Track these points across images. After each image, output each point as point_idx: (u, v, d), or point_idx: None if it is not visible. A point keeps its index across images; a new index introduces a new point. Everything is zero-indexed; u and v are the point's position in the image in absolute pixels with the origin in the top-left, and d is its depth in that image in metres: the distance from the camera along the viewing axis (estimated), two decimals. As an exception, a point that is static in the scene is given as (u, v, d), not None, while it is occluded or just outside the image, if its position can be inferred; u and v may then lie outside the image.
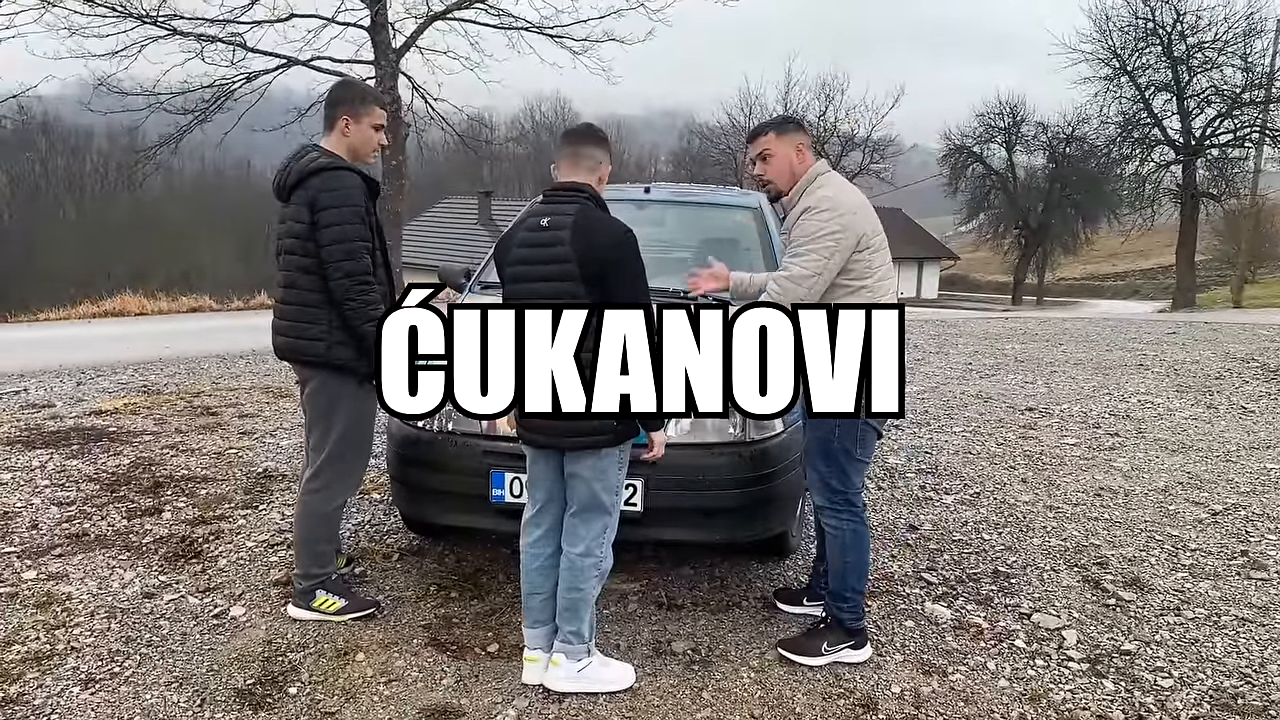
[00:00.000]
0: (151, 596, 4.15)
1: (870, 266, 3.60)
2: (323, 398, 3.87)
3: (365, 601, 4.03)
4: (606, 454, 3.40)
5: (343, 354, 3.78)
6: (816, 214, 3.55)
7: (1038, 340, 13.33)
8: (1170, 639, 3.97)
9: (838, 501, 3.71)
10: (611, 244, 3.29)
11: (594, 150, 3.47)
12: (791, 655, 3.72)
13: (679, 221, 5.72)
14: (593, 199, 3.41)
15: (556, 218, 3.36)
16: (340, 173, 3.73)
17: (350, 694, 3.43)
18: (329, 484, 3.91)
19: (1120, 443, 7.06)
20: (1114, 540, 5.03)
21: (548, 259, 3.34)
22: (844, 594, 3.73)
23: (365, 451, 4.03)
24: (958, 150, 50.43)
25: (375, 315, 3.69)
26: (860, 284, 3.59)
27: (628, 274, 3.30)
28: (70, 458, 6.05)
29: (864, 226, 3.57)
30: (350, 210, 3.69)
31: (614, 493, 3.47)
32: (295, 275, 3.78)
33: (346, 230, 3.67)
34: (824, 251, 3.52)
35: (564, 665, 3.45)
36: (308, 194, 3.70)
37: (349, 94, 3.92)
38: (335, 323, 3.75)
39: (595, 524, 3.45)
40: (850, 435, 3.64)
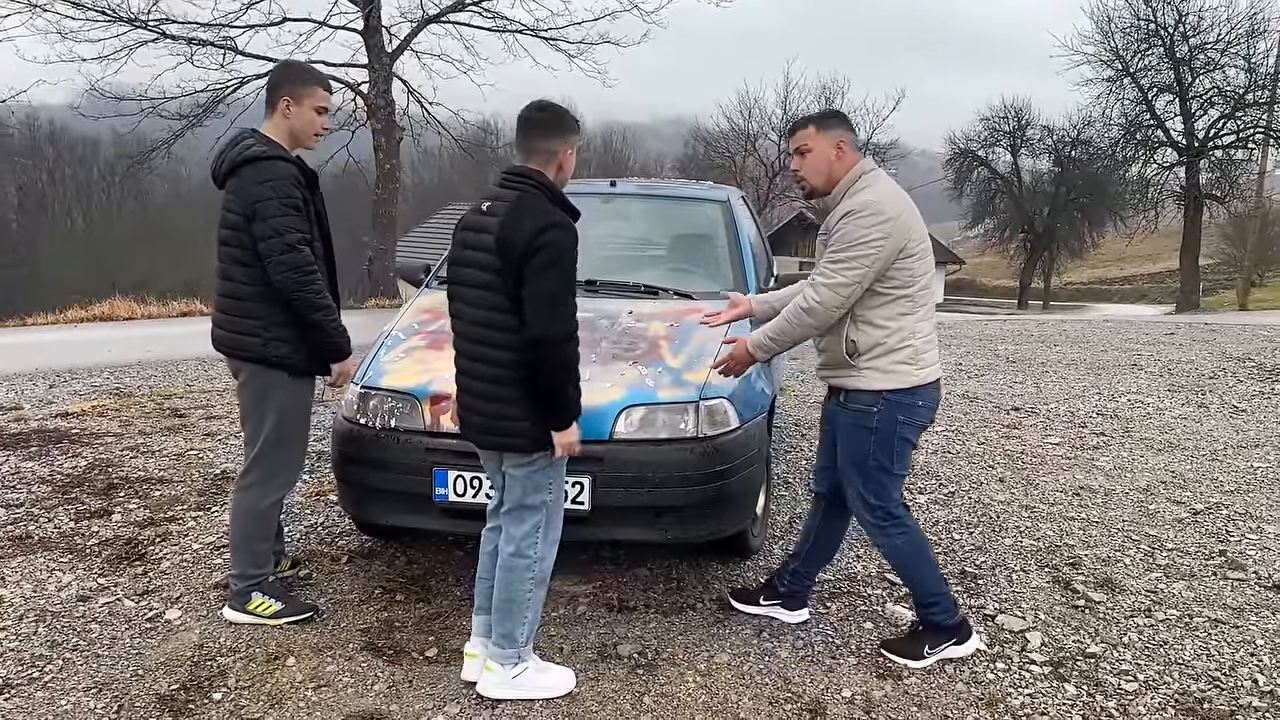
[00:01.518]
0: (86, 599, 4.02)
1: (913, 274, 3.39)
2: (254, 392, 3.75)
3: (303, 605, 3.89)
4: (535, 454, 3.26)
5: (279, 350, 3.67)
6: (858, 218, 3.32)
7: (1032, 341, 13.16)
8: (1139, 641, 3.82)
9: (880, 517, 3.57)
10: (532, 233, 3.06)
11: (545, 141, 3.24)
12: (894, 656, 3.62)
13: (643, 216, 5.59)
14: (539, 186, 3.21)
15: (496, 203, 3.21)
16: (274, 163, 3.59)
17: (276, 700, 3.30)
18: (261, 480, 3.79)
19: (1105, 442, 6.90)
20: (1089, 540, 4.88)
21: (478, 245, 3.20)
22: (927, 599, 3.64)
23: (299, 447, 3.91)
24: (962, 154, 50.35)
25: (323, 305, 3.64)
26: (901, 292, 3.39)
27: (541, 269, 3.06)
28: (27, 459, 5.93)
29: (909, 233, 3.35)
30: (286, 202, 3.55)
31: (545, 492, 3.32)
32: (230, 267, 3.66)
33: (282, 223, 3.53)
34: (865, 259, 3.30)
35: (497, 672, 3.31)
36: (241, 184, 3.58)
37: (290, 75, 3.79)
38: (273, 318, 3.64)
39: (525, 524, 3.31)
40: (886, 450, 3.48)
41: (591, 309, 4.54)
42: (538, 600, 3.38)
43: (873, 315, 3.42)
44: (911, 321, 3.43)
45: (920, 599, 3.67)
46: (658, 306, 4.60)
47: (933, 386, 3.51)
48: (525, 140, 3.27)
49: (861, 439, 3.51)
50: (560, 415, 3.20)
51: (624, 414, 3.87)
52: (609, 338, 4.26)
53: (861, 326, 3.44)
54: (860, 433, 3.51)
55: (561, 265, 3.11)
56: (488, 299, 3.17)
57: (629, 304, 4.61)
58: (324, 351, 3.75)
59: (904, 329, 3.42)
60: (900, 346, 3.42)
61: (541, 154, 3.25)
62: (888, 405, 3.44)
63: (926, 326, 3.47)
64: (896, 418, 3.45)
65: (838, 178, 3.47)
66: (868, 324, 3.43)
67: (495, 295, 3.14)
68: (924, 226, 3.48)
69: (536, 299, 3.08)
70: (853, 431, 3.54)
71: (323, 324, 3.67)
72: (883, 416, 3.46)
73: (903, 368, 3.43)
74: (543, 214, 3.13)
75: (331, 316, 3.69)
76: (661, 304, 4.64)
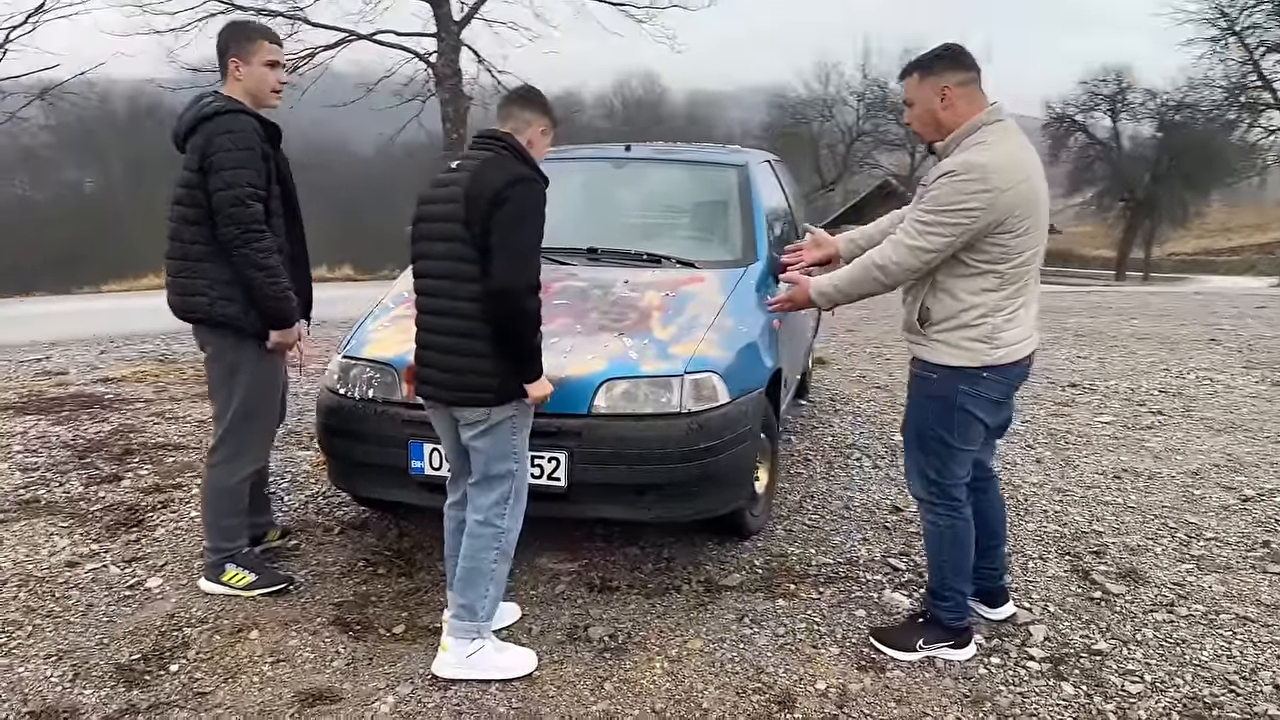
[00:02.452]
0: (75, 565, 4.04)
1: (1008, 251, 3.03)
2: (220, 365, 3.69)
3: (277, 577, 3.84)
4: (497, 419, 3.15)
5: (227, 309, 3.56)
6: (957, 180, 2.96)
7: (1109, 314, 12.57)
8: (1153, 639, 3.53)
9: (934, 493, 3.32)
10: (500, 186, 3.02)
11: (523, 111, 3.25)
12: (882, 646, 3.42)
13: (655, 181, 5.37)
14: (510, 149, 3.18)
15: (466, 161, 3.19)
16: (235, 115, 3.50)
17: (231, 673, 3.25)
18: (230, 456, 3.74)
19: (1161, 422, 6.49)
20: (1120, 527, 4.57)
21: (445, 198, 3.16)
22: (943, 592, 3.39)
23: (269, 421, 3.84)
24: (1059, 119, 48.59)
25: (265, 265, 3.50)
26: (990, 268, 3.05)
27: (507, 220, 3.02)
28: (56, 424, 6.03)
29: (1014, 206, 2.98)
30: (242, 154, 3.45)
31: (510, 461, 3.21)
32: (180, 227, 3.58)
33: (237, 175, 3.44)
34: (954, 229, 2.98)
35: (452, 649, 3.22)
36: (200, 140, 3.49)
37: (233, 34, 3.65)
38: (220, 276, 3.53)
39: (492, 493, 3.22)
40: (945, 421, 3.22)
41: (587, 278, 4.40)
42: (501, 574, 3.29)
43: (953, 285, 3.12)
44: (995, 299, 3.10)
45: (937, 590, 3.43)
46: (657, 275, 4.41)
47: (1009, 366, 3.19)
48: (506, 109, 3.29)
49: (922, 409, 3.30)
50: (526, 365, 3.14)
51: (604, 387, 3.71)
52: (599, 308, 4.10)
53: (939, 294, 3.15)
54: (921, 402, 3.30)
55: (527, 218, 3.09)
56: (454, 251, 3.11)
57: (627, 273, 4.42)
58: (264, 315, 3.59)
59: (984, 305, 3.10)
60: (976, 323, 3.11)
61: (517, 122, 3.23)
62: (949, 373, 3.18)
63: (1013, 305, 3.12)
64: (958, 387, 3.17)
65: (950, 128, 3.10)
66: (946, 293, 3.14)
67: (462, 247, 3.09)
68: (1042, 200, 3.10)
69: (502, 250, 3.04)
70: (915, 400, 3.34)
71: (260, 284, 3.51)
72: (942, 385, 3.20)
73: (976, 345, 3.13)
74: (513, 168, 3.12)
75: (273, 279, 3.53)
76: (661, 273, 4.45)
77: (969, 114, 3.10)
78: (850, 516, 4.67)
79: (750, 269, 4.56)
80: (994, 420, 3.32)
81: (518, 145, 3.18)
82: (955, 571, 3.40)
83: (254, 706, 3.06)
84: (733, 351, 3.97)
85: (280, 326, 3.64)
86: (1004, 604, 3.69)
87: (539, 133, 3.26)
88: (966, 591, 3.44)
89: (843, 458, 5.57)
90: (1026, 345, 3.23)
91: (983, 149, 3.03)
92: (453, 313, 3.14)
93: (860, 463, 5.48)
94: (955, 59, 3.13)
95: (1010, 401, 3.38)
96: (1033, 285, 3.21)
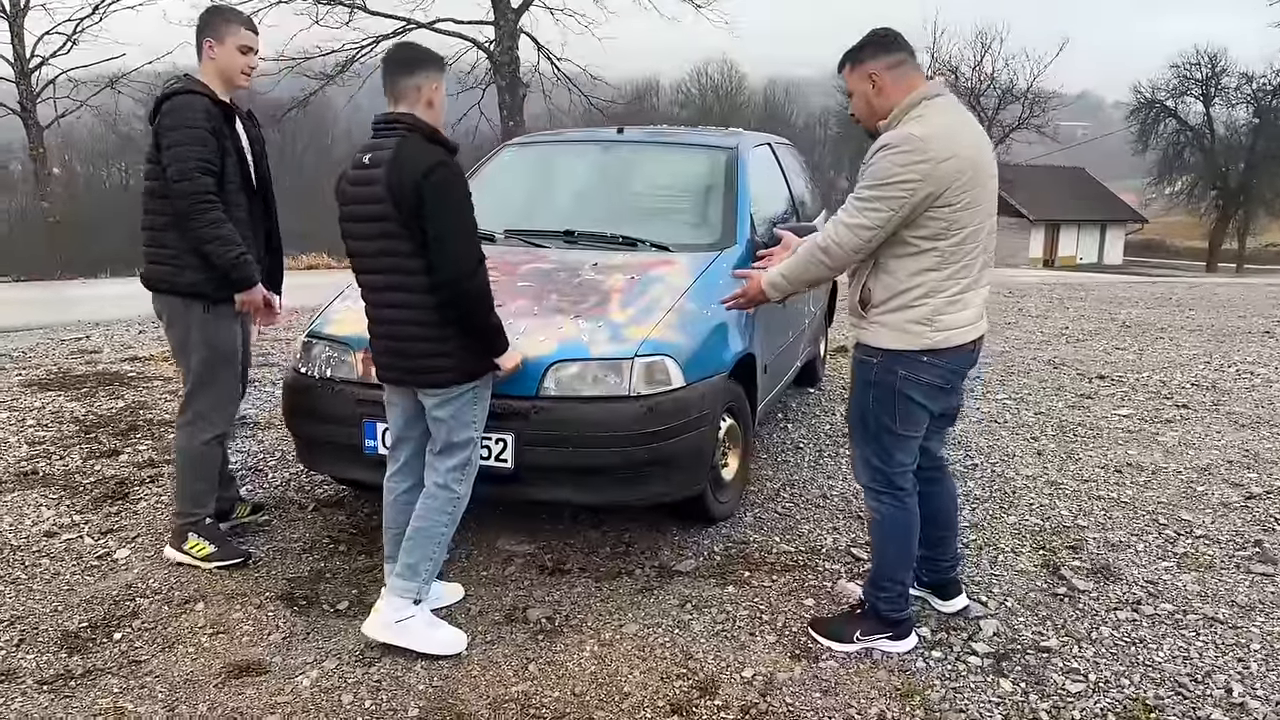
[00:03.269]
0: (53, 535, 4.17)
1: (949, 226, 2.95)
2: (178, 332, 3.81)
3: (235, 550, 3.92)
4: (459, 391, 3.19)
5: (190, 277, 3.68)
6: (893, 153, 2.90)
7: (1166, 305, 12.14)
8: (1109, 637, 3.40)
9: (878, 481, 3.25)
10: (421, 175, 3.01)
11: (408, 78, 3.15)
12: (820, 637, 3.37)
13: (642, 165, 5.33)
14: (415, 128, 3.13)
15: (377, 153, 3.14)
16: (187, 96, 3.65)
17: (170, 643, 3.32)
18: (193, 420, 3.85)
19: (1183, 415, 6.24)
20: (1105, 522, 4.40)
21: (369, 198, 3.14)
22: (882, 582, 3.31)
23: (231, 382, 3.92)
24: (1148, 104, 47.12)
25: (215, 235, 3.59)
26: (930, 245, 2.97)
27: (436, 212, 3.03)
28: (73, 400, 6.24)
29: (952, 178, 2.90)
30: (189, 132, 3.57)
31: (470, 429, 3.28)
32: (149, 200, 3.73)
33: (184, 151, 3.56)
34: (894, 202, 2.90)
35: (384, 611, 3.27)
36: (159, 119, 3.67)
37: (211, 18, 3.78)
38: (182, 245, 3.66)
39: (454, 458, 3.28)
40: (887, 407, 3.15)
41: (556, 260, 4.39)
42: (446, 540, 3.32)
43: (894, 265, 3.05)
44: (936, 278, 3.02)
45: (876, 579, 3.35)
46: (627, 258, 4.37)
47: (950, 351, 3.10)
48: (391, 83, 3.21)
49: (863, 394, 3.21)
50: (491, 343, 3.22)
51: (552, 369, 3.69)
52: (561, 290, 4.08)
53: (880, 275, 3.08)
54: (862, 388, 3.22)
55: (455, 203, 3.08)
56: (393, 246, 3.13)
57: (598, 256, 4.40)
58: (225, 280, 3.68)
59: (924, 285, 3.02)
60: (916, 304, 3.04)
61: (408, 93, 3.17)
62: (887, 357, 3.11)
63: (956, 286, 3.03)
64: (897, 371, 3.10)
65: (884, 112, 3.05)
66: (888, 273, 3.07)
67: (399, 243, 3.11)
68: (985, 175, 3.01)
69: (440, 240, 3.06)
70: (856, 386, 3.26)
71: (215, 253, 3.61)
72: (880, 369, 3.13)
73: (916, 328, 3.05)
74: (423, 157, 3.07)
75: (225, 245, 3.61)
76: (632, 256, 4.41)
77: (902, 94, 3.03)
78: (825, 505, 4.58)
79: (726, 253, 4.50)
80: (937, 407, 3.22)
81: (418, 123, 3.12)
82: (896, 562, 3.31)
83: (181, 676, 3.13)
84: (691, 335, 3.92)
85: (241, 288, 3.73)
86: (956, 596, 3.59)
87: (435, 90, 3.18)
88: (907, 582, 3.35)
89: (835, 446, 5.47)
90: (969, 330, 3.13)
91: (918, 122, 2.96)
92: (403, 304, 3.16)
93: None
94: (882, 43, 3.08)
95: (956, 388, 3.28)
96: (978, 268, 3.10)
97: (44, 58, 20.65)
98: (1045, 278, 20.03)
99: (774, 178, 5.64)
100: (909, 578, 3.36)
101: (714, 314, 4.10)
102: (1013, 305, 11.95)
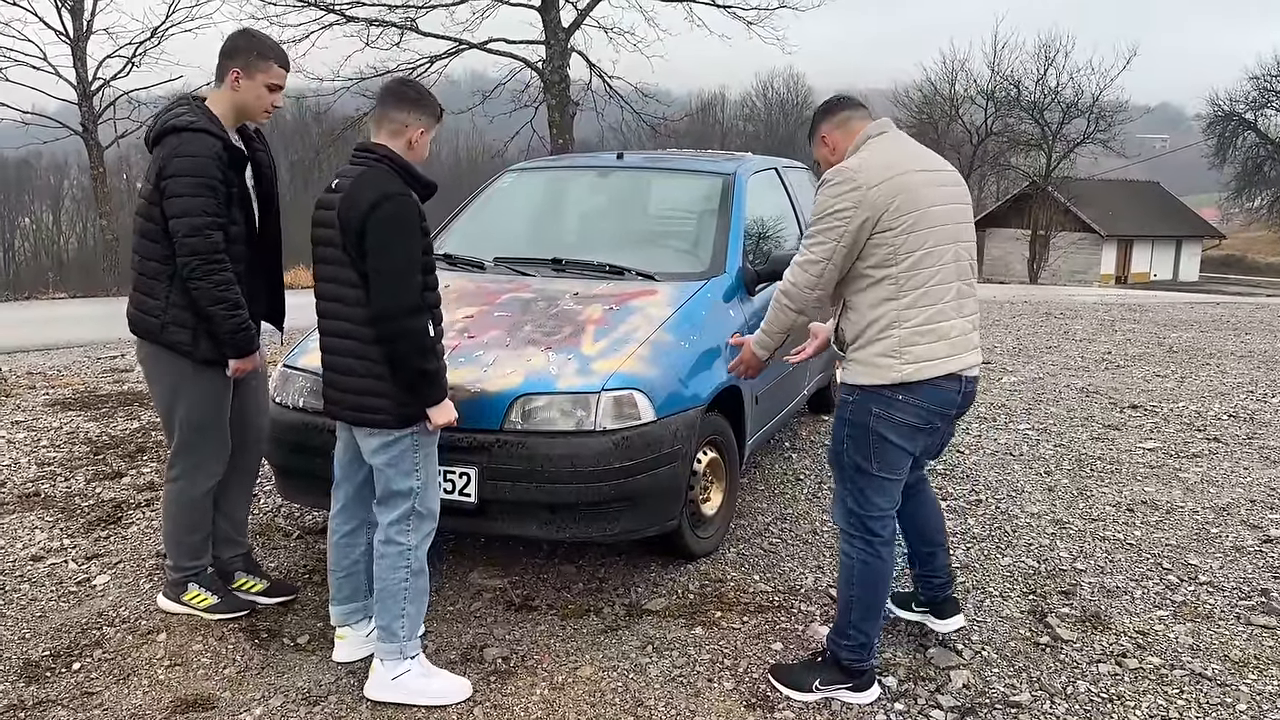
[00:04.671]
0: (39, 560, 4.23)
1: (895, 252, 2.94)
2: (161, 385, 3.60)
3: (240, 602, 3.74)
4: (396, 436, 3.11)
5: (177, 335, 3.44)
6: (828, 186, 2.99)
7: (1222, 328, 11.69)
8: (1085, 693, 3.24)
9: (853, 524, 3.18)
10: (368, 206, 2.97)
11: (398, 112, 3.11)
12: (778, 684, 3.26)
13: (637, 191, 5.27)
14: (385, 160, 3.08)
15: (342, 180, 3.12)
16: (197, 135, 3.34)
17: (125, 675, 3.33)
18: (184, 474, 3.63)
19: (1213, 449, 5.98)
20: (1105, 566, 4.22)
21: (326, 222, 3.12)
22: (847, 630, 3.19)
23: (220, 434, 3.66)
24: (1226, 117, 45.95)
25: (223, 297, 3.36)
26: (881, 273, 2.96)
27: (375, 245, 2.97)
28: (92, 420, 6.36)
29: (887, 202, 2.91)
30: (197, 181, 3.30)
31: (413, 478, 3.15)
32: (140, 240, 3.45)
33: (192, 203, 3.30)
34: (833, 232, 2.95)
35: (378, 671, 3.20)
36: (161, 153, 3.37)
37: (244, 44, 3.45)
38: (174, 299, 3.41)
39: (395, 510, 3.17)
40: (861, 447, 3.08)
41: (537, 289, 4.35)
42: (416, 591, 3.21)
43: (857, 301, 3.05)
44: (896, 308, 2.97)
45: (840, 627, 3.22)
46: (609, 288, 4.32)
47: (928, 385, 3.00)
48: (381, 112, 3.17)
49: (838, 432, 3.18)
50: (420, 391, 3.07)
51: (518, 403, 3.65)
52: (536, 321, 4.04)
53: (848, 313, 3.10)
54: (838, 426, 3.18)
55: (396, 238, 3.00)
56: (339, 274, 3.10)
57: (581, 285, 4.35)
58: (222, 345, 3.46)
59: (885, 316, 2.98)
60: (880, 336, 2.99)
61: (392, 126, 3.11)
62: (862, 396, 3.06)
63: (919, 316, 2.97)
64: (870, 409, 3.04)
65: None
66: (853, 310, 3.07)
67: (344, 270, 3.07)
68: (924, 199, 2.97)
69: (376, 274, 3.00)
70: (835, 425, 3.21)
71: (218, 317, 3.39)
72: (856, 408, 3.09)
73: (884, 361, 2.99)
74: (380, 186, 3.02)
75: (231, 312, 3.40)
76: (613, 285, 4.35)
77: (850, 142, 3.12)
78: (813, 542, 4.46)
79: (712, 282, 4.42)
80: (914, 447, 3.12)
81: (392, 156, 3.08)
82: (863, 612, 3.18)
83: (129, 710, 3.12)
84: (664, 367, 3.84)
85: (238, 357, 3.52)
86: (954, 615, 3.51)
87: (419, 135, 3.13)
88: (872, 635, 3.21)
89: (838, 478, 5.33)
90: (947, 363, 3.02)
91: (855, 157, 3.05)
92: (347, 334, 3.10)
93: (854, 484, 5.23)
94: (825, 110, 3.25)
95: (936, 428, 3.14)
96: (950, 295, 3.03)
97: (105, 80, 21.41)
98: (1105, 296, 19.47)
99: (778, 203, 5.55)
100: (876, 630, 3.23)
101: (692, 345, 4.03)
102: (1059, 328, 11.62)
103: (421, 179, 3.14)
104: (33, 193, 54.68)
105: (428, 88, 3.35)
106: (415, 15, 17.94)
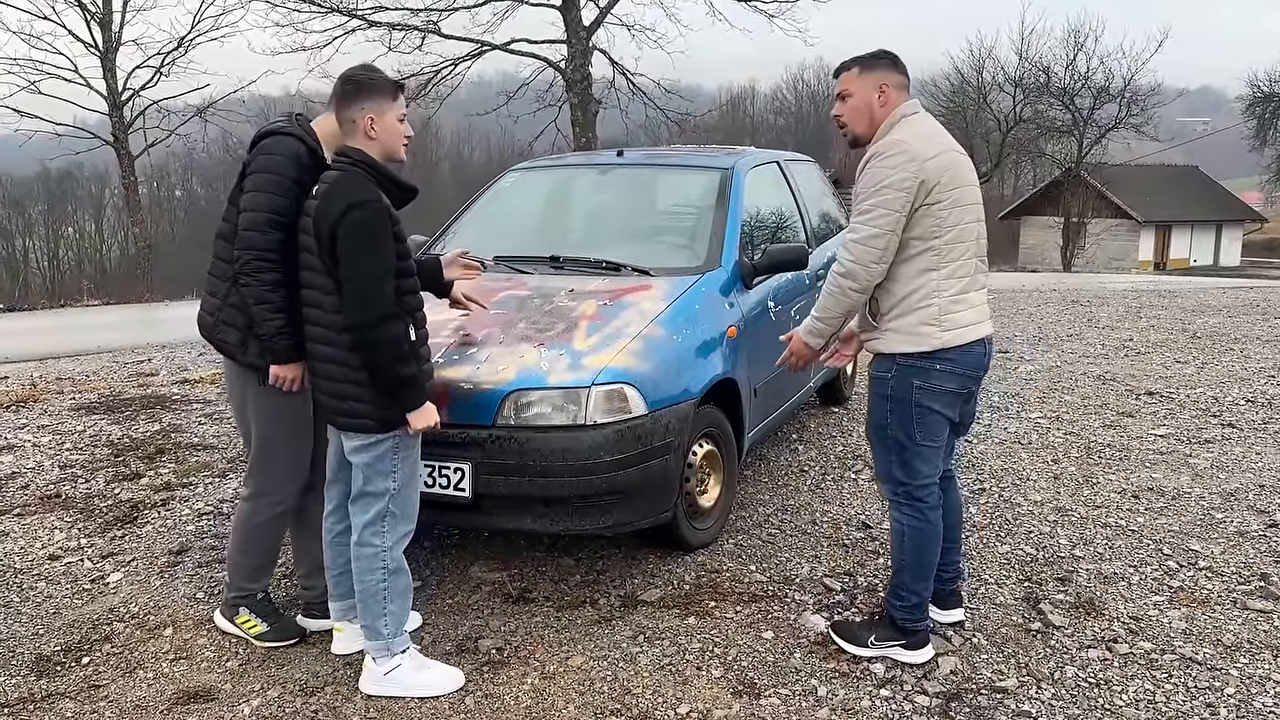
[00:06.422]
0: (57, 559, 4.36)
1: (940, 224, 3.09)
2: (235, 396, 3.54)
3: (292, 629, 3.63)
4: (376, 439, 3.17)
5: (227, 335, 3.37)
6: (883, 159, 3.07)
7: (1250, 313, 11.53)
8: (1073, 678, 3.25)
9: (900, 494, 3.33)
10: (338, 214, 2.99)
11: (344, 111, 3.10)
12: (838, 639, 3.46)
13: (636, 187, 5.31)
14: (360, 164, 3.10)
15: (321, 186, 3.16)
16: (284, 138, 3.30)
17: (130, 669, 3.43)
18: (254, 495, 3.53)
19: (1226, 436, 5.93)
20: (1105, 552, 4.21)
21: (305, 229, 3.17)
22: (900, 591, 3.36)
23: (293, 458, 3.49)
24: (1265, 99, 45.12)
25: (270, 299, 3.23)
26: (926, 245, 3.10)
27: (345, 254, 2.99)
28: (114, 423, 6.52)
29: (938, 175, 3.06)
30: (272, 179, 3.23)
31: (389, 479, 3.20)
32: (215, 240, 3.40)
33: (261, 198, 3.22)
34: (893, 203, 3.04)
35: (369, 667, 3.28)
36: (252, 155, 3.34)
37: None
38: (231, 298, 3.34)
39: (369, 511, 3.22)
40: (904, 419, 3.22)
41: (533, 287, 4.41)
42: (396, 590, 3.27)
43: (896, 271, 3.16)
44: (936, 278, 3.13)
45: (894, 588, 3.38)
46: (604, 284, 4.37)
47: (962, 350, 3.16)
48: (335, 110, 3.17)
49: (879, 407, 3.29)
50: (399, 397, 3.09)
51: (510, 399, 3.71)
52: (530, 317, 4.10)
53: (885, 283, 3.19)
54: (878, 402, 3.29)
55: (366, 247, 3.01)
56: (316, 281, 3.14)
57: (576, 281, 4.41)
58: (263, 347, 3.32)
59: (926, 286, 3.13)
60: (922, 305, 3.14)
61: (347, 126, 3.13)
62: (901, 370, 3.19)
63: (956, 286, 3.13)
64: (912, 383, 3.18)
65: (879, 123, 3.22)
66: (891, 280, 3.17)
67: (320, 278, 3.11)
68: (965, 178, 3.16)
69: (347, 283, 3.02)
70: (873, 399, 3.32)
71: (260, 317, 3.25)
72: (897, 382, 3.21)
73: (925, 329, 3.14)
74: (349, 194, 3.02)
75: (270, 316, 3.24)
76: (608, 281, 4.40)
77: (894, 108, 3.22)
78: (811, 532, 4.49)
79: (708, 276, 4.46)
80: (954, 413, 3.27)
81: (363, 158, 3.09)
82: (915, 573, 3.33)
83: (132, 702, 3.23)
84: (655, 361, 3.89)
85: (277, 362, 3.33)
86: (955, 607, 3.61)
87: (369, 122, 3.07)
88: (925, 596, 3.36)
89: (843, 469, 5.36)
90: (977, 329, 3.21)
91: (900, 131, 3.15)
92: (326, 341, 3.13)
93: (858, 475, 5.26)
94: (895, 63, 3.27)
95: (971, 393, 3.31)
96: (973, 269, 3.19)
97: (135, 90, 21.79)
98: (1137, 282, 19.24)
99: (779, 197, 5.57)
100: (928, 590, 3.38)
101: (685, 339, 4.08)
102: (1083, 315, 11.52)
103: (400, 183, 3.16)
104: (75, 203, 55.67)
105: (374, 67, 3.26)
106: (437, 19, 18.15)
